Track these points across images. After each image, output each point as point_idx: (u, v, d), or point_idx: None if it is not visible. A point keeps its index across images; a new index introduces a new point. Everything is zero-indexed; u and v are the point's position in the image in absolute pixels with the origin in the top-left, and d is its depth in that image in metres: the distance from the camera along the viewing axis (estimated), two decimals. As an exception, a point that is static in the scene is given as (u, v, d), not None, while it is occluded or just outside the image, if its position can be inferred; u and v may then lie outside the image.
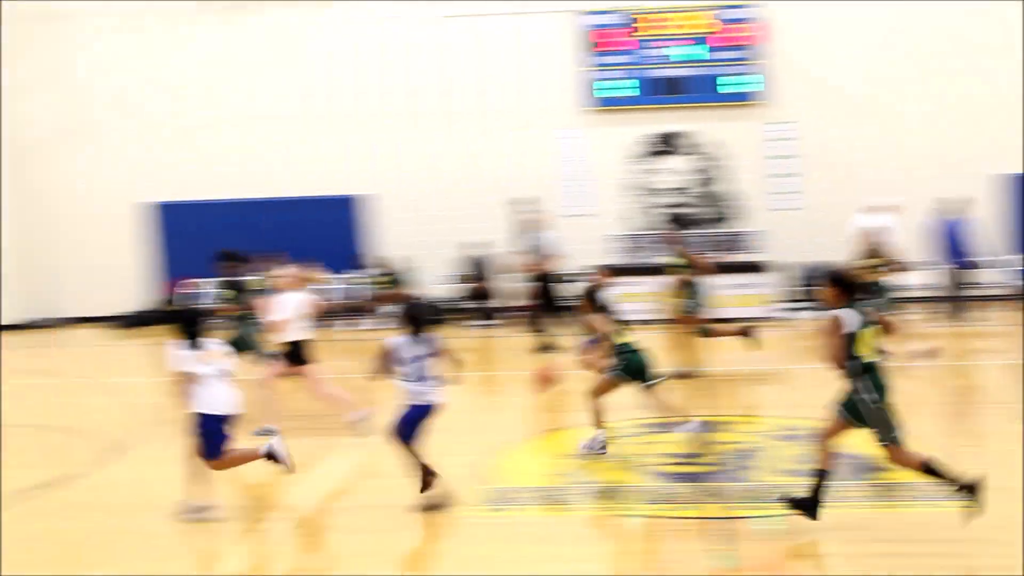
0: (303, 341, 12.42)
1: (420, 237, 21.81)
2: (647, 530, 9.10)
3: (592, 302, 11.42)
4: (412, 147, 22.17)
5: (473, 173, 21.98)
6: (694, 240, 19.37)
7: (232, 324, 13.09)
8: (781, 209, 21.48)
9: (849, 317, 8.52)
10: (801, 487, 8.75)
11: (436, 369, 9.68)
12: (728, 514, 9.13)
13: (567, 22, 21.88)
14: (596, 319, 11.29)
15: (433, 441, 10.00)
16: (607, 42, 21.75)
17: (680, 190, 21.96)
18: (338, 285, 21.56)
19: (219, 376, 9.61)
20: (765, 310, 19.60)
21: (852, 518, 8.85)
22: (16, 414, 14.32)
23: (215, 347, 9.71)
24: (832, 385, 8.61)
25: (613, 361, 11.11)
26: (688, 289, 14.99)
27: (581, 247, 20.76)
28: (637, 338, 11.21)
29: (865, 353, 8.51)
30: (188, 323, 9.65)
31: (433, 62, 22.14)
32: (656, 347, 11.72)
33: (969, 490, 8.34)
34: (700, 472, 10.29)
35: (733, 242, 21.38)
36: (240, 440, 9.93)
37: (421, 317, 9.71)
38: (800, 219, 21.28)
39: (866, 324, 8.56)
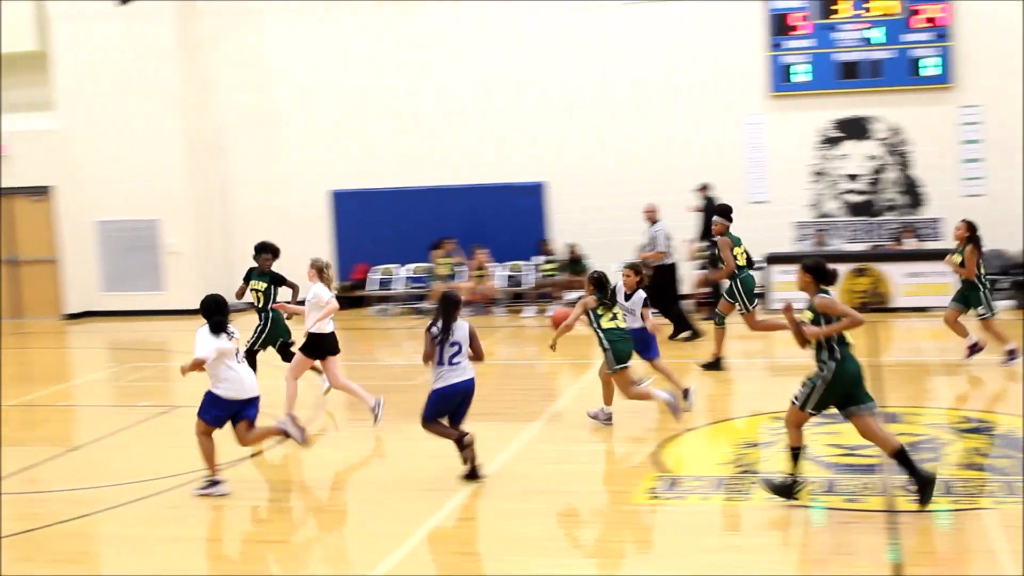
0: (326, 333, 12.79)
1: (600, 224, 21.89)
2: (819, 521, 9.10)
3: (597, 285, 11.88)
4: (596, 135, 22.26)
5: (660, 161, 21.95)
6: (880, 228, 19.09)
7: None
8: (967, 196, 20.88)
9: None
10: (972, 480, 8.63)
11: (464, 353, 10.33)
12: (897, 507, 9.06)
13: (754, 6, 21.67)
14: (590, 300, 11.84)
15: (607, 429, 10.20)
16: (794, 26, 21.48)
17: (865, 176, 21.58)
18: (524, 272, 21.88)
19: (238, 360, 10.40)
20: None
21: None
22: (190, 395, 15.00)
23: (236, 334, 10.45)
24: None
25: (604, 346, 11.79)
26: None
27: (765, 235, 20.62)
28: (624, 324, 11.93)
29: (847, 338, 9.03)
30: (214, 311, 10.34)
31: (619, 51, 22.19)
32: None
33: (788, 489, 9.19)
34: (870, 464, 10.21)
35: (919, 229, 20.94)
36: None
37: (452, 305, 10.37)
38: (984, 206, 20.65)
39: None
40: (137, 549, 9.32)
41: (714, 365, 15.02)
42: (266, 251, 14.33)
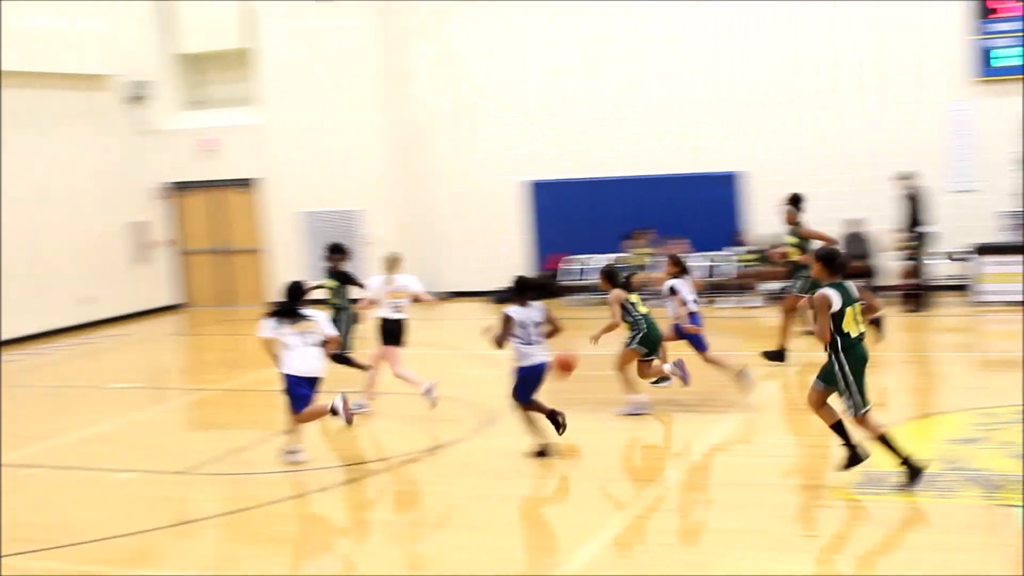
0: (394, 320, 13.49)
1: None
2: (1029, 521, 8.84)
3: (610, 279, 12.54)
4: (792, 124, 21.89)
5: (858, 148, 21.48)
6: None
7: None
8: None
9: (835, 295, 9.25)
10: None
11: (543, 334, 11.07)
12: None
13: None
14: (614, 300, 12.42)
15: (806, 422, 10.06)
16: (995, 8, 20.72)
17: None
18: (721, 263, 21.68)
19: (309, 344, 11.34)
20: None
21: None
22: (393, 383, 15.38)
23: (312, 318, 11.45)
24: None
25: (631, 334, 12.52)
26: None
27: (968, 224, 20.00)
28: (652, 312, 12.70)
29: (849, 330, 9.29)
30: (289, 297, 11.51)
31: (815, 36, 21.78)
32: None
33: (913, 471, 9.35)
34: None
35: None
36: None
37: (531, 288, 11.14)
38: None
39: (850, 302, 9.33)
40: (339, 530, 9.63)
41: (776, 355, 14.96)
42: (338, 252, 14.92)
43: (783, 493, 9.79)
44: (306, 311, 11.55)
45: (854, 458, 9.70)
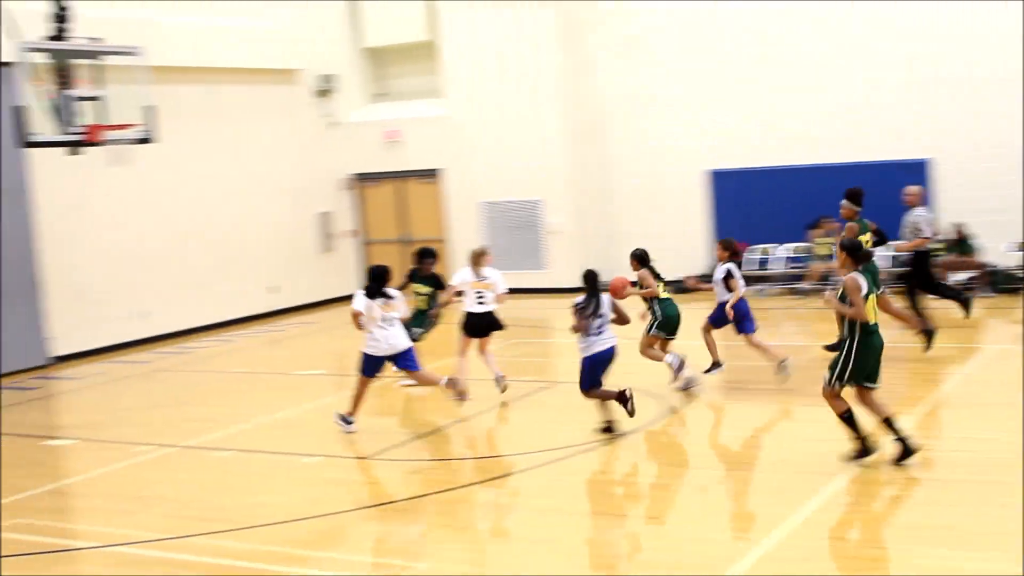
0: (477, 313, 14.19)
1: (986, 203, 20.74)
2: None
3: (640, 262, 13.55)
4: (985, 111, 21.10)
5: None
6: None
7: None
8: None
9: (864, 281, 9.84)
10: None
11: (607, 323, 11.69)
12: None
13: None
14: (644, 276, 13.50)
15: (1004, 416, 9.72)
16: None
17: None
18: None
19: (390, 324, 12.45)
20: None
21: None
22: (569, 372, 15.36)
23: (395, 298, 12.55)
24: None
25: (651, 320, 13.61)
26: None
27: None
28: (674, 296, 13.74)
29: (868, 317, 9.85)
30: (375, 278, 12.58)
31: (1011, 20, 20.96)
32: None
33: (866, 450, 10.05)
34: None
35: None
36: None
37: (595, 280, 11.75)
38: None
39: (873, 291, 9.95)
40: (513, 517, 9.68)
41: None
42: (429, 256, 15.33)
43: (971, 488, 9.44)
44: (390, 291, 12.62)
45: (864, 450, 10.13)
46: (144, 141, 15.08)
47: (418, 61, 25.75)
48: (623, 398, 11.69)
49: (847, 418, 10.14)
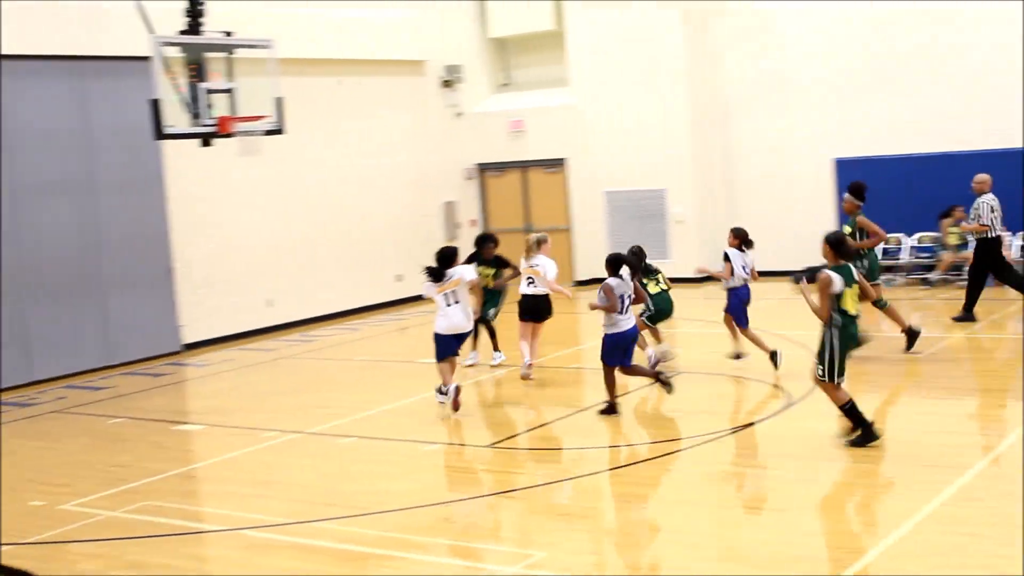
0: (530, 296, 15.05)
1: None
2: None
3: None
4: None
5: None
6: None
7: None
8: None
9: (837, 277, 10.32)
10: None
11: (630, 303, 12.56)
12: None
13: None
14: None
15: None
16: None
17: None
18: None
19: (453, 302, 13.13)
20: None
21: None
22: (691, 362, 15.29)
23: (454, 276, 13.14)
24: None
25: (645, 307, 14.29)
26: None
27: None
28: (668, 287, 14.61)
29: (847, 308, 10.39)
30: (438, 259, 13.25)
31: None
32: None
33: (869, 435, 10.51)
34: None
35: None
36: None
37: (620, 263, 12.61)
38: None
39: (851, 284, 10.41)
40: (640, 506, 9.66)
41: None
42: (490, 241, 16.17)
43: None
44: (451, 270, 13.27)
45: (868, 435, 10.54)
46: (273, 132, 15.35)
47: (543, 51, 25.80)
48: (659, 377, 12.76)
49: (848, 409, 10.56)
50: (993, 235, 17.05)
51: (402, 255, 23.82)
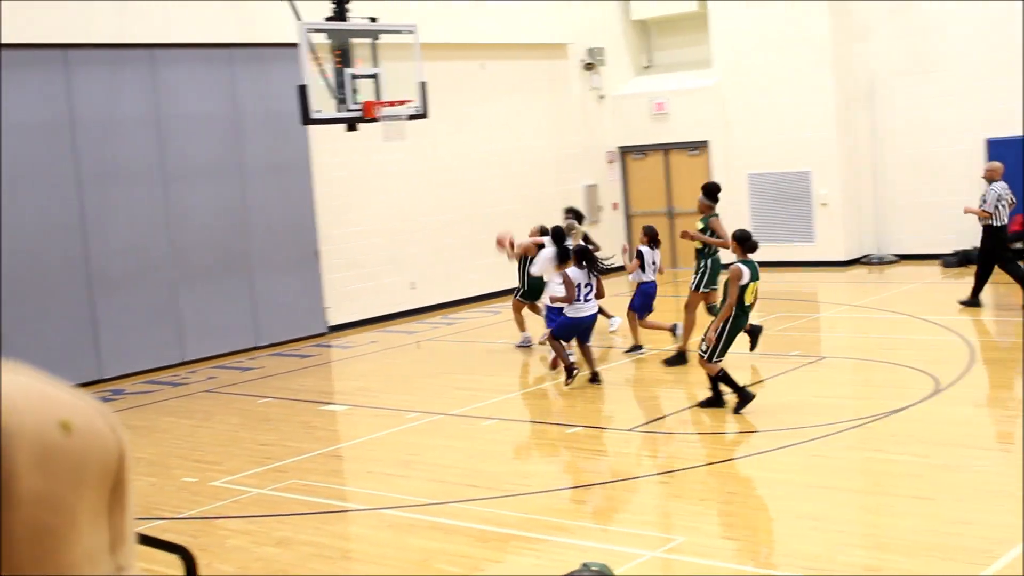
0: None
1: None
2: None
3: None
4: None
5: None
6: None
7: None
8: None
9: (746, 270, 11.45)
10: None
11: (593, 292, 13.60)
12: None
13: None
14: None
15: None
16: None
17: None
18: None
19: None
20: None
21: None
22: (836, 347, 15.03)
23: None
24: None
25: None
26: None
27: None
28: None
29: (745, 299, 11.59)
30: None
31: None
32: None
33: (745, 397, 11.65)
34: None
35: None
36: None
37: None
38: None
39: (755, 279, 11.59)
40: (782, 493, 9.57)
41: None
42: (576, 218, 17.01)
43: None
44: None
45: (744, 398, 11.65)
46: (417, 117, 15.52)
47: (686, 32, 25.58)
48: (570, 371, 13.56)
49: (722, 376, 11.69)
50: (999, 223, 16.89)
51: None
